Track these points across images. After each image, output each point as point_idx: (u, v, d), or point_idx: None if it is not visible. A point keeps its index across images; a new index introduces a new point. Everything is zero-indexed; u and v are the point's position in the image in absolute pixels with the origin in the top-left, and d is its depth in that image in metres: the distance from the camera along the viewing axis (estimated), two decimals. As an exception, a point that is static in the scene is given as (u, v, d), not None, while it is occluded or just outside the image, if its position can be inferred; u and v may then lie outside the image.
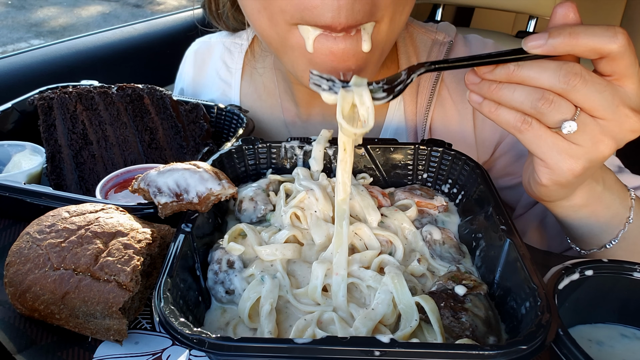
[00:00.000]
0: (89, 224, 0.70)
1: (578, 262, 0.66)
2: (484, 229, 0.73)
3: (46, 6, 6.87)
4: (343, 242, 0.68)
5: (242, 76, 1.19)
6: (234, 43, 1.21)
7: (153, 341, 0.68)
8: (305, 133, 1.14)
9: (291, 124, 1.15)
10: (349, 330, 0.61)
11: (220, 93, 1.21)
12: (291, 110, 1.14)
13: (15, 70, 1.47)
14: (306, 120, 1.13)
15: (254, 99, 1.18)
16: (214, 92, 1.23)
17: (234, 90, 1.19)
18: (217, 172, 0.77)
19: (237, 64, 1.19)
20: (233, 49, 1.21)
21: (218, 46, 1.23)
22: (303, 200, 0.78)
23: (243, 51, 1.19)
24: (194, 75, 1.26)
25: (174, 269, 0.62)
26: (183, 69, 1.30)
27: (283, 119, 1.15)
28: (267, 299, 0.64)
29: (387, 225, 0.78)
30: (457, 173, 0.85)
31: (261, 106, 1.17)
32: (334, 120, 0.66)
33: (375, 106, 0.64)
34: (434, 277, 0.71)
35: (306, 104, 1.11)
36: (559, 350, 0.55)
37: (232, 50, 1.21)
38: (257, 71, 1.18)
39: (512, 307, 0.62)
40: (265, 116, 1.17)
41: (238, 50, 1.20)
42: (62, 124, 1.00)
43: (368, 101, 0.64)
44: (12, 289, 0.68)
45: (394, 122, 1.06)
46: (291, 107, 1.14)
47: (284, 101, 1.15)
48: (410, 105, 1.04)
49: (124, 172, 0.96)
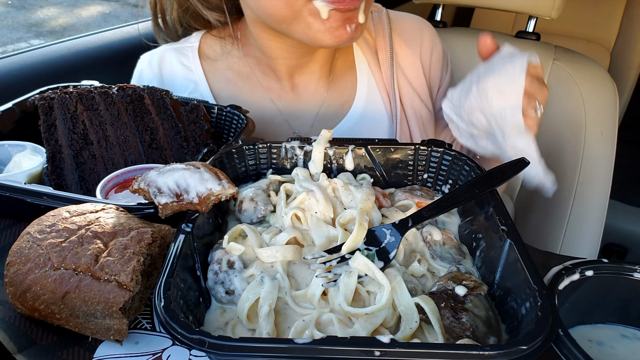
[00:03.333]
0: (89, 223, 0.70)
1: (578, 263, 0.66)
2: (484, 230, 0.73)
3: (46, 6, 6.87)
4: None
5: (204, 71, 1.22)
6: (183, 47, 1.24)
7: (153, 341, 0.68)
8: (295, 102, 1.20)
9: (277, 99, 1.21)
10: (349, 331, 0.61)
11: (190, 91, 1.23)
12: (274, 86, 1.21)
13: (15, 70, 1.46)
14: (292, 90, 1.21)
15: (230, 88, 1.22)
16: (183, 93, 1.23)
17: (202, 85, 1.21)
18: (217, 172, 0.77)
19: (194, 61, 1.22)
20: (185, 51, 1.23)
21: (168, 53, 1.25)
22: (304, 201, 0.78)
23: (195, 50, 1.23)
24: (159, 83, 1.25)
25: (174, 269, 0.62)
26: (141, 81, 1.28)
27: (268, 96, 1.21)
28: (266, 300, 0.64)
29: (387, 226, 0.78)
30: (458, 173, 0.85)
31: (240, 91, 1.22)
32: (319, 84, 1.03)
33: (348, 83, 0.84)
34: (434, 277, 0.71)
35: (289, 75, 1.18)
36: (559, 351, 0.55)
37: (184, 53, 1.23)
38: (217, 62, 1.23)
39: (513, 308, 0.62)
40: (248, 97, 1.21)
41: (190, 51, 1.23)
42: (62, 124, 1.00)
43: (375, 270, 0.67)
44: (12, 289, 0.68)
45: (365, 93, 1.21)
46: (273, 84, 1.21)
47: (263, 81, 1.21)
48: (377, 73, 1.21)
49: (125, 172, 0.96)
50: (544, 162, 0.81)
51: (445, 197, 0.76)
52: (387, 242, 0.72)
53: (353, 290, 0.65)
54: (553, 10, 1.49)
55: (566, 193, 1.52)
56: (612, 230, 1.97)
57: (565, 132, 1.54)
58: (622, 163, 1.61)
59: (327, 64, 1.19)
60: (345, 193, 0.80)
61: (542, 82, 0.84)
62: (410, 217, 0.74)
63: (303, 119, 1.22)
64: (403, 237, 0.73)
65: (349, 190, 0.80)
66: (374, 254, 0.71)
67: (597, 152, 1.50)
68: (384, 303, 0.63)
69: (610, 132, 1.50)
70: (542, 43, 1.66)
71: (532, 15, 1.68)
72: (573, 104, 1.52)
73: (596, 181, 1.50)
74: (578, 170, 1.50)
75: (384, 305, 0.62)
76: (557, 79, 1.56)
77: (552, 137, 1.58)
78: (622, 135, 1.58)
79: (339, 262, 0.70)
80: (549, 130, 1.59)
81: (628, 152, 0.85)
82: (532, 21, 1.71)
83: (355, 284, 0.66)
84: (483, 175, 0.76)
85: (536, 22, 1.70)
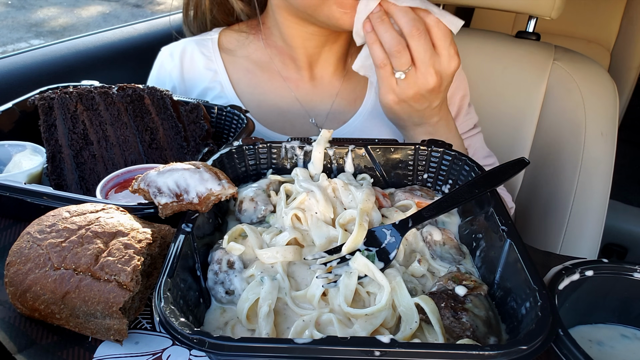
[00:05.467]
0: (89, 223, 0.70)
1: (578, 263, 0.66)
2: (484, 230, 0.73)
3: (46, 6, 6.87)
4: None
5: (223, 61, 1.27)
6: (203, 39, 1.30)
7: (153, 341, 0.68)
8: (312, 92, 1.25)
9: (295, 88, 1.25)
10: (348, 332, 0.61)
11: (210, 80, 1.27)
12: (293, 76, 1.26)
13: (15, 70, 1.46)
14: (310, 80, 1.26)
15: (249, 77, 1.27)
16: (203, 82, 1.28)
17: (221, 74, 1.26)
18: (217, 172, 0.77)
19: (214, 52, 1.28)
20: (205, 43, 1.29)
21: (189, 44, 1.30)
22: (304, 201, 0.78)
23: (215, 42, 1.29)
24: (179, 72, 1.29)
25: (174, 269, 0.62)
26: (163, 71, 1.32)
27: (287, 85, 1.25)
28: (266, 300, 0.64)
29: (387, 226, 0.78)
30: (458, 173, 0.85)
31: (259, 80, 1.27)
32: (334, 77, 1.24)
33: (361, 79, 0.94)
34: (434, 277, 0.71)
35: (308, 65, 1.23)
36: (559, 351, 0.55)
37: (204, 44, 1.29)
38: (236, 54, 1.28)
39: (513, 308, 0.62)
40: (267, 86, 1.26)
41: (210, 42, 1.29)
42: (62, 124, 1.00)
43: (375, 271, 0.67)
44: (12, 289, 0.68)
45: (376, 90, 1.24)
46: (292, 73, 1.26)
47: (283, 71, 1.26)
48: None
49: (125, 172, 0.96)
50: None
51: (445, 197, 0.76)
52: (387, 242, 0.72)
53: (353, 291, 0.65)
54: (553, 10, 1.49)
55: (566, 193, 1.52)
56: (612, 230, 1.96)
57: (565, 132, 1.54)
58: (622, 163, 1.61)
59: (342, 57, 1.25)
60: (345, 193, 0.80)
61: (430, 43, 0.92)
62: (411, 217, 0.74)
63: (318, 110, 1.26)
64: (403, 237, 0.73)
65: (349, 190, 0.80)
66: (374, 254, 0.71)
67: (597, 152, 1.50)
68: (384, 304, 0.62)
69: (610, 132, 1.50)
70: (542, 43, 1.66)
71: (532, 15, 1.68)
72: (573, 104, 1.52)
73: (596, 181, 1.50)
74: (578, 170, 1.50)
75: (383, 306, 0.62)
76: (557, 79, 1.56)
77: (552, 137, 1.58)
78: (622, 135, 1.58)
79: (339, 263, 0.70)
80: (549, 130, 1.59)
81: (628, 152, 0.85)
82: (532, 21, 1.71)
83: (355, 285, 0.66)
84: (483, 175, 0.76)
85: (536, 22, 1.70)
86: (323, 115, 1.26)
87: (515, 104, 1.65)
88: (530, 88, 1.61)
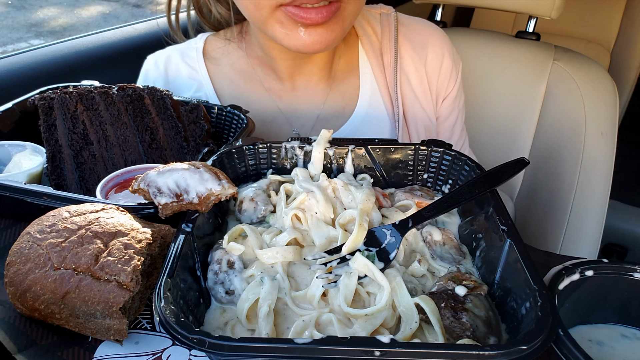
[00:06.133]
0: (89, 223, 0.70)
1: (578, 263, 0.66)
2: (485, 230, 0.73)
3: (46, 6, 6.87)
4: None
5: (208, 71, 1.24)
6: (187, 47, 1.28)
7: (153, 341, 0.68)
8: (295, 102, 1.22)
9: (279, 99, 1.22)
10: (348, 332, 0.61)
11: (195, 90, 1.25)
12: (275, 87, 1.22)
13: (15, 70, 1.46)
14: (292, 91, 1.22)
15: (232, 88, 1.24)
16: (188, 92, 1.26)
17: (206, 84, 1.24)
18: (217, 172, 0.77)
19: (199, 61, 1.25)
20: (189, 52, 1.27)
21: (174, 53, 1.28)
22: (304, 201, 0.78)
23: (200, 51, 1.26)
24: (164, 82, 1.27)
25: (174, 269, 0.62)
26: (147, 80, 1.30)
27: (270, 96, 1.22)
28: (266, 300, 0.64)
29: (387, 226, 0.78)
30: (458, 173, 0.85)
31: (242, 91, 1.24)
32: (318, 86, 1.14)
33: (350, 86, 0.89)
34: (434, 277, 0.71)
35: (289, 76, 1.19)
36: (559, 351, 0.55)
37: (189, 53, 1.26)
38: (221, 62, 1.25)
39: (513, 308, 0.62)
40: (250, 97, 1.23)
41: (195, 51, 1.26)
42: (62, 124, 1.00)
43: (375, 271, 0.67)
44: (12, 289, 0.68)
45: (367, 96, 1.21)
46: (274, 84, 1.22)
47: (265, 82, 1.22)
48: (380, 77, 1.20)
49: (125, 172, 0.96)
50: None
51: (445, 197, 0.76)
52: (387, 242, 0.72)
53: (353, 291, 0.65)
54: (553, 10, 1.49)
55: (566, 193, 1.52)
56: (612, 230, 1.97)
57: (565, 132, 1.54)
58: (622, 163, 1.61)
59: (326, 66, 1.19)
60: (345, 193, 0.80)
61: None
62: (411, 217, 0.74)
63: (304, 120, 1.22)
64: (403, 237, 0.73)
65: (349, 190, 0.80)
66: (374, 254, 0.71)
67: (597, 152, 1.50)
68: (384, 304, 0.62)
69: (610, 132, 1.50)
70: (542, 43, 1.66)
71: (532, 15, 1.68)
72: (573, 104, 1.52)
73: (596, 181, 1.50)
74: (578, 170, 1.50)
75: (383, 307, 0.62)
76: (557, 79, 1.57)
77: (552, 137, 1.58)
78: (622, 135, 1.58)
79: (339, 263, 0.70)
80: (549, 130, 1.59)
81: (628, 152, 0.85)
82: (532, 21, 1.71)
83: (355, 285, 0.66)
84: (483, 175, 0.76)
85: (536, 22, 1.70)
86: (309, 125, 1.22)
87: (515, 104, 1.65)
88: (530, 88, 1.61)
